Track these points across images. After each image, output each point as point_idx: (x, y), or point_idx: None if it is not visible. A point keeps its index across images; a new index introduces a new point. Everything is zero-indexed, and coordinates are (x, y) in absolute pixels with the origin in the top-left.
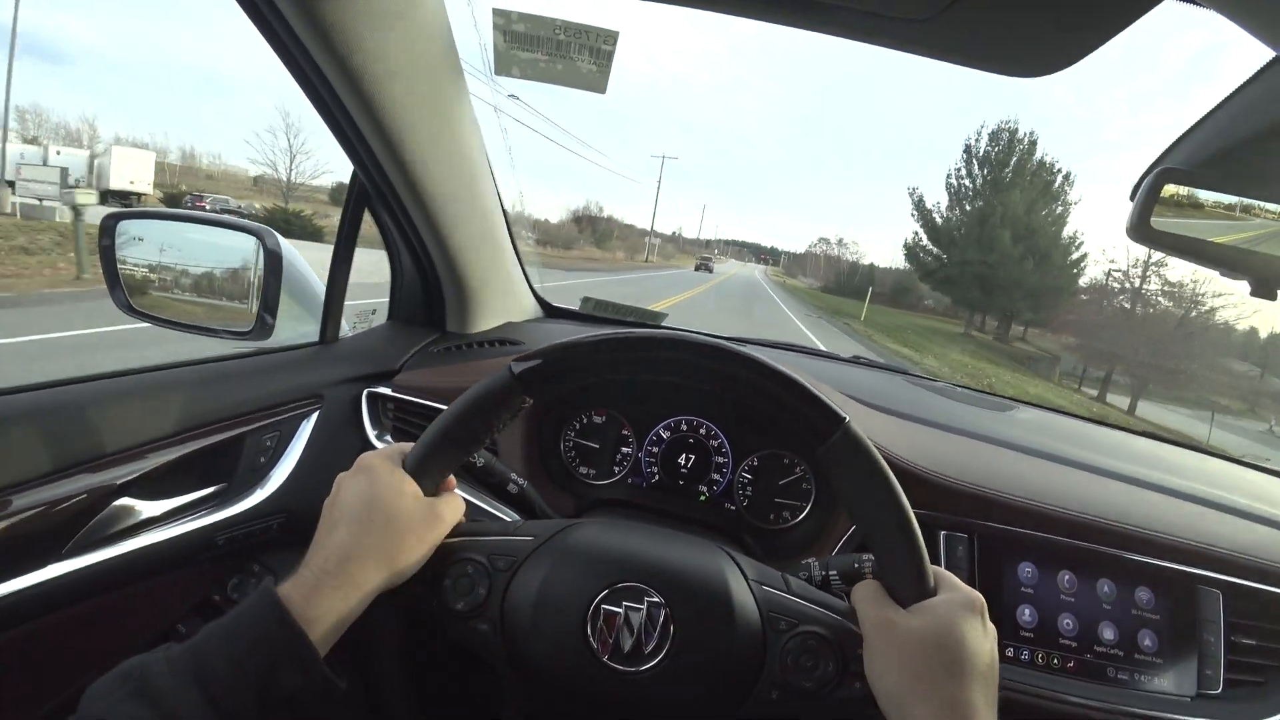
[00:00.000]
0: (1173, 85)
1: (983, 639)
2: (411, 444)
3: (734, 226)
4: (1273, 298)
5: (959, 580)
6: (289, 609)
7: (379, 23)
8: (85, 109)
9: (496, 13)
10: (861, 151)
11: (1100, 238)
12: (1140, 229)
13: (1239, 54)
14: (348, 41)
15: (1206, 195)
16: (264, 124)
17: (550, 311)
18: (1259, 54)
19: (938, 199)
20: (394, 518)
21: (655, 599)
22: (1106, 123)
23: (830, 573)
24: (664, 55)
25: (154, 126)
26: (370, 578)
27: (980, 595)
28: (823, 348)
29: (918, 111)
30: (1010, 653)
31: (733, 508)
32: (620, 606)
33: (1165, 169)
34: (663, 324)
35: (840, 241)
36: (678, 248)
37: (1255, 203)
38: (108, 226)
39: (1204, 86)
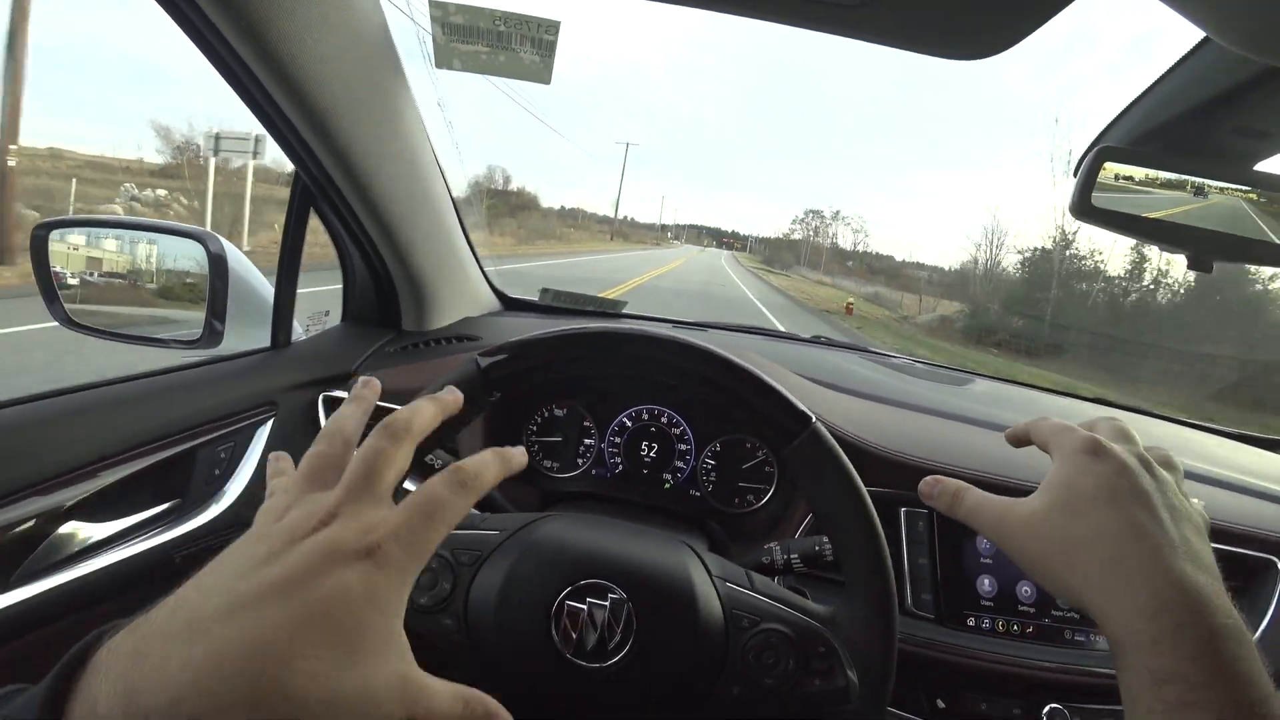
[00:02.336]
0: (1113, 67)
1: (1140, 473)
2: None
3: (693, 211)
4: (1209, 270)
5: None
6: None
7: (306, 15)
8: None
9: (433, 4)
10: (820, 133)
11: None
12: (1082, 207)
13: (1174, 37)
14: (272, 35)
15: (1144, 171)
16: None
17: (508, 304)
18: (1191, 34)
19: None
20: None
21: (619, 595)
22: (1054, 102)
23: (791, 556)
24: (620, 42)
25: None
26: None
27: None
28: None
29: (874, 92)
30: (971, 622)
31: (697, 494)
32: (584, 603)
33: (1104, 147)
34: (623, 312)
35: (838, 215)
36: (610, 229)
37: (1191, 178)
38: (40, 235)
39: (1141, 69)
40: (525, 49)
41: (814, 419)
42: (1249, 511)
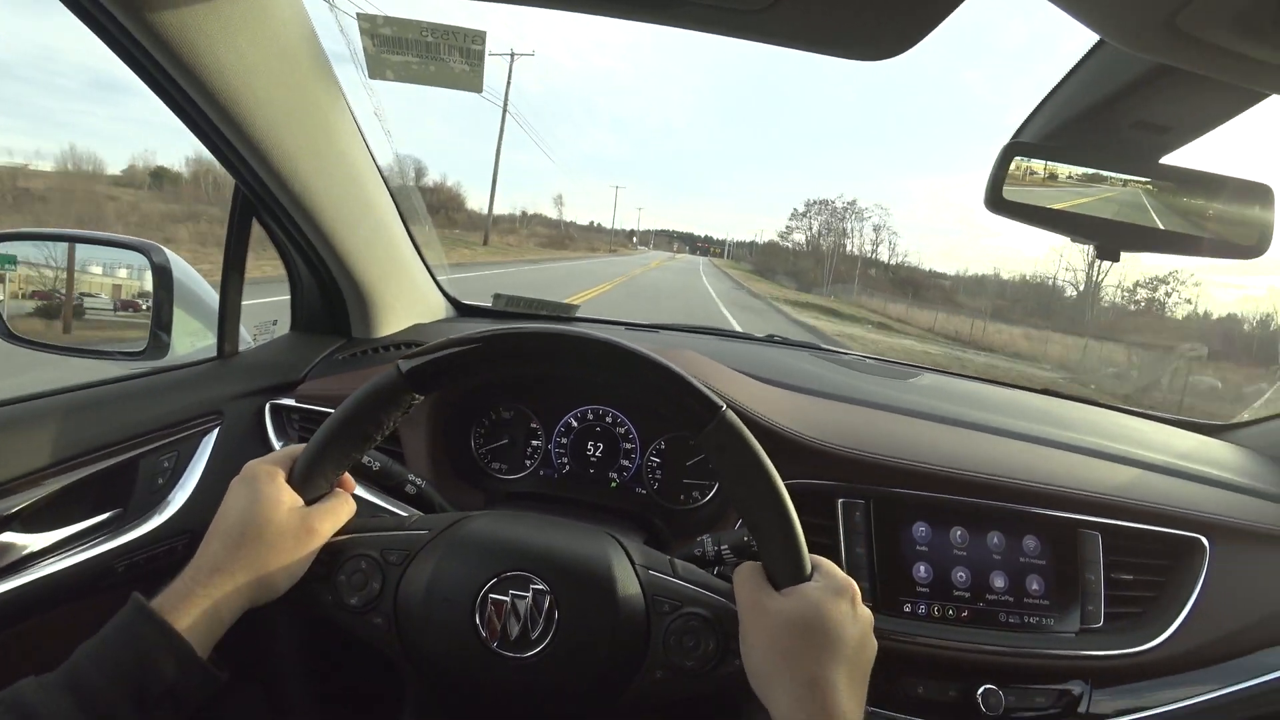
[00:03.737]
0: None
1: (851, 623)
2: (305, 445)
3: (663, 218)
4: (1116, 259)
5: (835, 568)
6: (156, 611)
7: (227, 29)
8: None
9: (361, 17)
10: (789, 139)
11: None
12: (994, 200)
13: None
14: (193, 48)
15: (1051, 165)
16: None
17: (462, 310)
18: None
19: None
20: (265, 533)
21: (540, 586)
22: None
23: (722, 548)
24: (588, 49)
25: None
26: (239, 590)
27: (853, 582)
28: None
29: (839, 97)
30: (908, 608)
31: (643, 492)
32: (507, 595)
33: (1012, 143)
34: (576, 315)
35: (853, 206)
36: (557, 234)
37: (1097, 171)
38: None
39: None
40: (454, 59)
41: (724, 406)
42: (1181, 494)
